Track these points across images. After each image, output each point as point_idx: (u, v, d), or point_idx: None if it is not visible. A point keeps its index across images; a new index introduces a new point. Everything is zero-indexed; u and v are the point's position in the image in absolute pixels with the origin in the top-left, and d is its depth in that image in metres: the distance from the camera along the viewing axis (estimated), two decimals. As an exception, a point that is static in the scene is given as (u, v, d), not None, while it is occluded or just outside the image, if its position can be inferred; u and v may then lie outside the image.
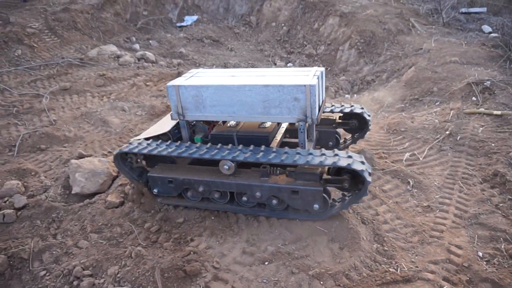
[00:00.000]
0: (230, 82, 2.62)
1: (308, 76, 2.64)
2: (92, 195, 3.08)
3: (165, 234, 2.68)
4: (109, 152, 3.66)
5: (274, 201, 2.60)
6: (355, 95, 5.88)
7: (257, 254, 2.40)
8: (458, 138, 3.63)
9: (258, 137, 2.71)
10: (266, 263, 2.34)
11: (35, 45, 6.08)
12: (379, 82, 5.88)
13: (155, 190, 2.83)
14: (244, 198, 2.63)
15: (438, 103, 4.59)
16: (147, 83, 5.18)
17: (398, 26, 6.71)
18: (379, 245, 2.42)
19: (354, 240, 2.43)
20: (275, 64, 6.99)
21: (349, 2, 7.62)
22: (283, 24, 7.94)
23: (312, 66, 6.85)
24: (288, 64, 7.00)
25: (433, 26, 6.88)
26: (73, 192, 3.07)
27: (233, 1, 8.79)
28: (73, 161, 3.17)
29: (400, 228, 2.60)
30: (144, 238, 2.66)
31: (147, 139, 2.89)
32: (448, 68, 5.08)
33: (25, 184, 3.26)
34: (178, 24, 8.20)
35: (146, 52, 6.31)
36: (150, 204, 2.95)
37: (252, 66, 6.72)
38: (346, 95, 5.86)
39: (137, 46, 6.91)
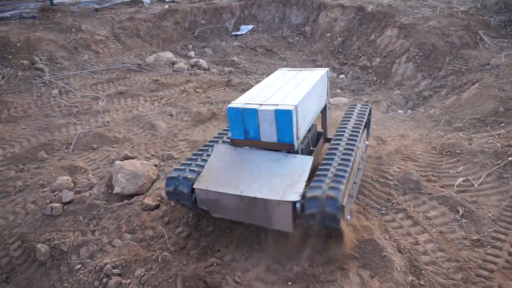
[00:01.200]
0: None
1: None
2: (131, 196, 3.21)
3: (194, 241, 2.69)
4: (152, 155, 3.80)
5: None
6: (409, 110, 5.55)
7: (281, 273, 2.32)
8: (522, 166, 3.25)
9: None
10: (290, 283, 2.25)
11: (100, 51, 6.56)
12: (436, 98, 5.49)
13: None
14: None
15: (504, 124, 4.16)
16: (197, 90, 5.33)
17: (463, 39, 6.24)
18: (414, 278, 2.22)
19: (387, 270, 2.25)
20: (327, 75, 6.83)
21: (410, 14, 7.25)
22: (338, 35, 7.77)
23: (366, 79, 6.61)
24: (340, 76, 6.82)
25: (505, 40, 6.30)
26: (114, 191, 3.22)
27: (289, 11, 8.79)
28: (117, 162, 3.33)
29: (442, 262, 2.36)
30: (173, 243, 2.69)
31: None
32: (518, 86, 4.61)
33: (74, 180, 3.49)
34: (233, 33, 8.38)
35: (199, 59, 6.51)
36: (183, 209, 2.99)
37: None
38: (400, 110, 5.55)
39: (192, 53, 7.16)
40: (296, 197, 2.19)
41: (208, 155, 2.70)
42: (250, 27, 8.52)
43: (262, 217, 2.34)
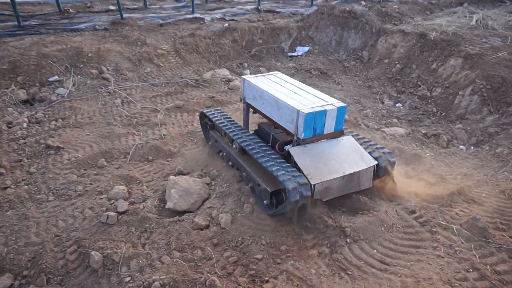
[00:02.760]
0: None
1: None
2: (182, 212, 3.25)
3: (242, 268, 2.65)
4: (205, 172, 3.84)
5: None
6: (472, 147, 5.20)
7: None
8: None
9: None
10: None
11: (161, 64, 6.86)
12: (504, 136, 5.10)
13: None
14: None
15: None
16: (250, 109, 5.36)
17: (538, 74, 5.79)
18: None
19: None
20: (383, 102, 6.63)
21: (477, 43, 6.88)
22: (396, 62, 7.54)
23: (425, 109, 6.32)
24: (397, 105, 6.58)
25: None
26: (166, 206, 3.28)
27: (346, 35, 8.70)
28: (171, 177, 3.40)
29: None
30: (221, 267, 2.67)
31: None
32: None
33: (129, 190, 3.61)
34: (289, 54, 8.43)
35: (254, 78, 6.60)
36: (234, 232, 2.97)
37: (358, 102, 6.49)
38: (461, 146, 5.21)
39: (247, 72, 7.28)
40: (373, 162, 3.27)
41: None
42: (306, 48, 8.54)
43: (354, 185, 3.22)
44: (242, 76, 3.81)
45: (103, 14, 9.45)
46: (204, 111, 4.13)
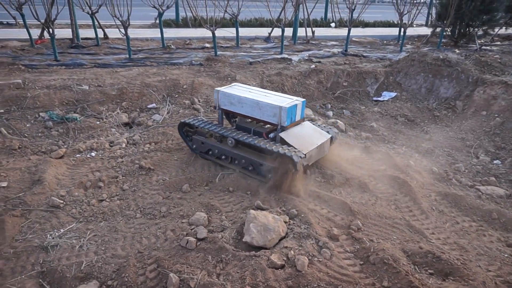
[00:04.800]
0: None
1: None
2: (258, 248, 3.23)
3: (316, 317, 2.51)
4: (283, 210, 3.82)
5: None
6: None
7: None
8: None
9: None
10: None
11: (248, 99, 7.18)
12: None
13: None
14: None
15: None
16: (333, 151, 5.28)
17: None
18: None
19: None
20: (478, 157, 6.05)
21: None
22: (496, 115, 6.91)
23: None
24: (495, 161, 5.95)
25: None
26: (243, 239, 3.29)
27: (438, 83, 8.28)
28: (251, 211, 3.44)
29: None
30: (294, 312, 2.56)
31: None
32: None
33: (209, 218, 3.72)
34: (374, 98, 8.25)
35: (338, 120, 6.53)
36: (310, 277, 2.86)
37: (448, 155, 6.01)
38: None
39: (330, 113, 7.25)
40: (329, 135, 4.79)
41: None
42: (393, 94, 8.28)
43: (321, 152, 4.65)
44: (216, 88, 4.74)
45: (199, 50, 10.33)
46: (184, 120, 4.93)
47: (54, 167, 4.66)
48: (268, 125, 4.64)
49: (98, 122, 6.08)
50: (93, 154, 5.15)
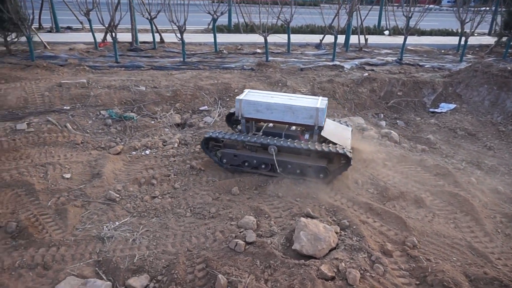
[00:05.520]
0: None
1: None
2: (308, 257, 3.15)
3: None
4: (334, 220, 3.71)
5: None
6: None
7: None
8: None
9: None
10: None
11: (298, 106, 7.12)
12: None
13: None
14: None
15: None
16: (386, 162, 5.07)
17: None
18: None
19: None
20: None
21: None
22: None
23: None
24: None
25: None
26: (293, 247, 3.23)
27: (504, 96, 7.70)
28: (302, 219, 3.37)
29: None
30: (345, 328, 2.46)
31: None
32: None
33: (258, 223, 3.70)
34: (431, 109, 7.84)
35: (391, 131, 6.27)
36: (361, 293, 2.73)
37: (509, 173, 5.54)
38: None
39: (383, 123, 6.99)
40: (350, 127, 5.22)
41: None
42: (452, 106, 7.82)
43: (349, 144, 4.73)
44: (237, 97, 4.54)
45: (250, 56, 10.45)
46: (209, 135, 4.65)
47: (112, 162, 4.89)
48: (292, 127, 4.70)
49: (152, 122, 6.32)
50: (147, 152, 5.34)
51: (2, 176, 4.45)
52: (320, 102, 4.46)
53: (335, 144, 4.39)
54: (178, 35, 9.22)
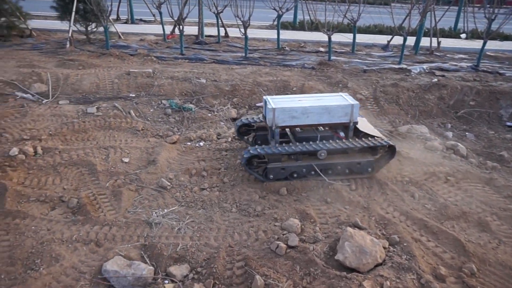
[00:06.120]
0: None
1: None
2: (350, 270, 3.00)
3: None
4: (383, 234, 3.49)
5: None
6: None
7: None
8: None
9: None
10: None
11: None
12: None
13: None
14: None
15: None
16: (448, 177, 4.68)
17: None
18: None
19: None
20: None
21: None
22: None
23: None
24: None
25: None
26: (335, 257, 3.10)
27: None
28: (349, 229, 3.22)
29: None
30: None
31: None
32: None
33: (302, 227, 3.61)
34: (508, 123, 7.08)
35: (458, 143, 5.77)
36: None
37: None
38: None
39: (450, 134, 6.46)
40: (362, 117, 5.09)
41: None
42: (533, 121, 7.00)
43: None
44: (269, 107, 4.34)
45: (312, 54, 10.26)
46: (251, 154, 4.24)
47: (167, 151, 5.09)
48: (320, 128, 4.72)
49: (209, 114, 6.46)
50: (201, 143, 5.48)
51: (70, 154, 4.84)
52: (349, 98, 4.53)
53: (372, 136, 4.49)
54: (242, 30, 9.32)
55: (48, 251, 3.24)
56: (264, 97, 4.65)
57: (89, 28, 10.31)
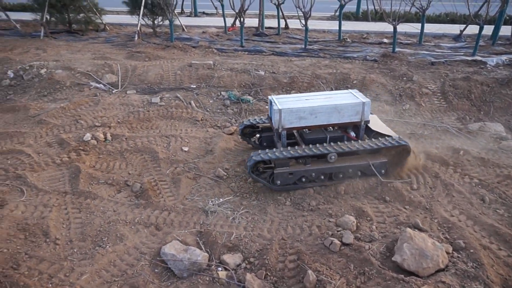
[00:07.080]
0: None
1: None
2: (409, 273, 2.85)
3: None
4: (446, 238, 3.26)
5: None
6: None
7: None
8: None
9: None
10: None
11: (422, 104, 6.43)
12: None
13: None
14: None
15: None
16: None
17: None
18: None
19: None
20: None
21: None
22: None
23: None
24: None
25: None
26: (393, 258, 2.96)
27: None
28: (408, 230, 3.05)
29: None
30: None
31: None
32: None
33: (358, 224, 3.49)
34: None
35: (539, 144, 5.17)
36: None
37: None
38: None
39: (529, 133, 5.82)
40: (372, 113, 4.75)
41: None
42: None
43: None
44: (276, 108, 4.06)
45: (375, 46, 9.81)
46: (256, 159, 3.93)
47: (224, 141, 5.20)
48: (329, 128, 4.45)
49: (267, 107, 6.48)
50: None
51: (135, 141, 5.16)
52: (360, 95, 4.27)
53: (384, 135, 4.22)
54: (303, 21, 9.18)
55: (114, 231, 3.50)
56: (269, 97, 4.37)
57: (155, 22, 10.84)
